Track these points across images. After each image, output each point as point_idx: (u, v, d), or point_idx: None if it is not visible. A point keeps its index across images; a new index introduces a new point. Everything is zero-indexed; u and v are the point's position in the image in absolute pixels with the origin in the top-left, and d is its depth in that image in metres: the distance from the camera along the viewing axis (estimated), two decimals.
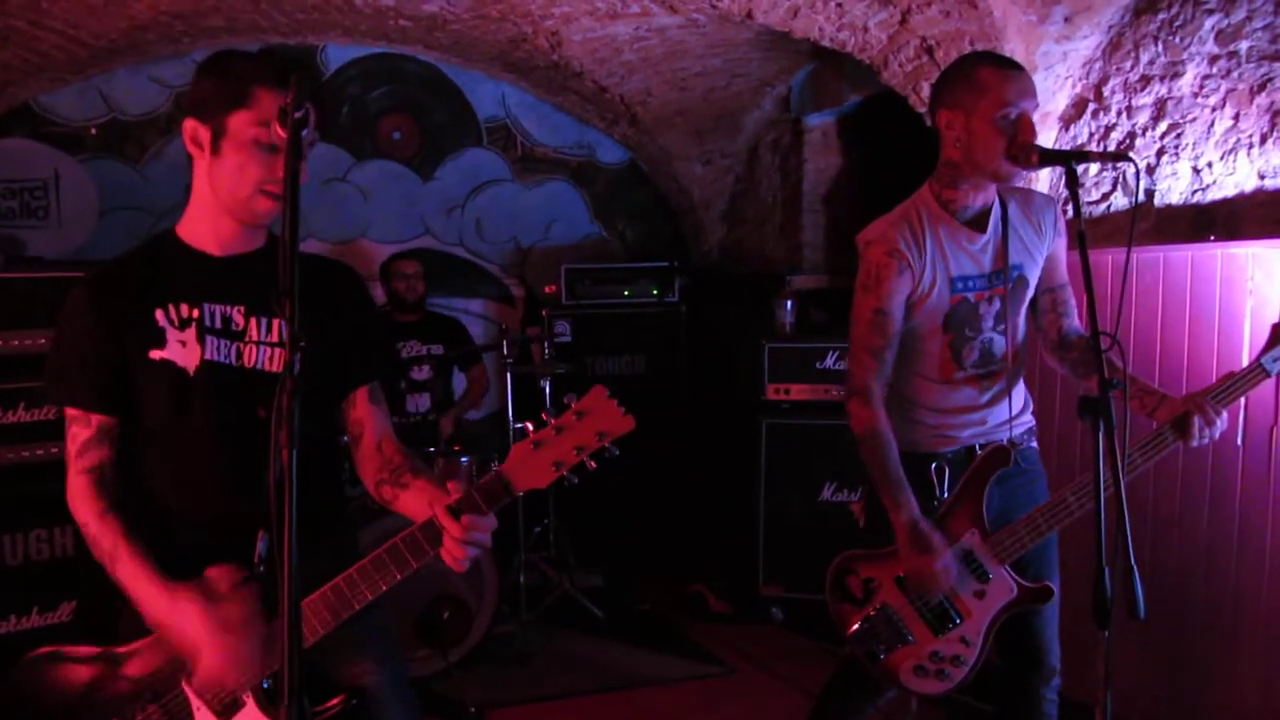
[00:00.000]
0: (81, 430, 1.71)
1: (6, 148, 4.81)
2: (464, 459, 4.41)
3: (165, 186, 5.12)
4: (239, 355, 1.75)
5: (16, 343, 3.47)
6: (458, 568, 1.60)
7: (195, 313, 1.74)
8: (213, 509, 1.73)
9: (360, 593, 1.63)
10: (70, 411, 1.73)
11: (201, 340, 1.73)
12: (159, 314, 1.72)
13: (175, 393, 1.72)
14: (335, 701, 1.70)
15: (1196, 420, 2.19)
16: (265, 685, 1.66)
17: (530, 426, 1.61)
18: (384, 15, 4.74)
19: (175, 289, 1.74)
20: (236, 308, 1.76)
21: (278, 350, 1.75)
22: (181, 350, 1.72)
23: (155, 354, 1.71)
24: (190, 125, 1.69)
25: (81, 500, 1.70)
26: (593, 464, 1.60)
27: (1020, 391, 2.50)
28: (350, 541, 1.92)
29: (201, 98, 1.68)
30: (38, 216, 4.88)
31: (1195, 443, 2.21)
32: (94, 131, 5.02)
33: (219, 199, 1.71)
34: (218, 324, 1.75)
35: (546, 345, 4.96)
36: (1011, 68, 2.29)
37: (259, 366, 1.75)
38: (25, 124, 4.86)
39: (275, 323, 1.77)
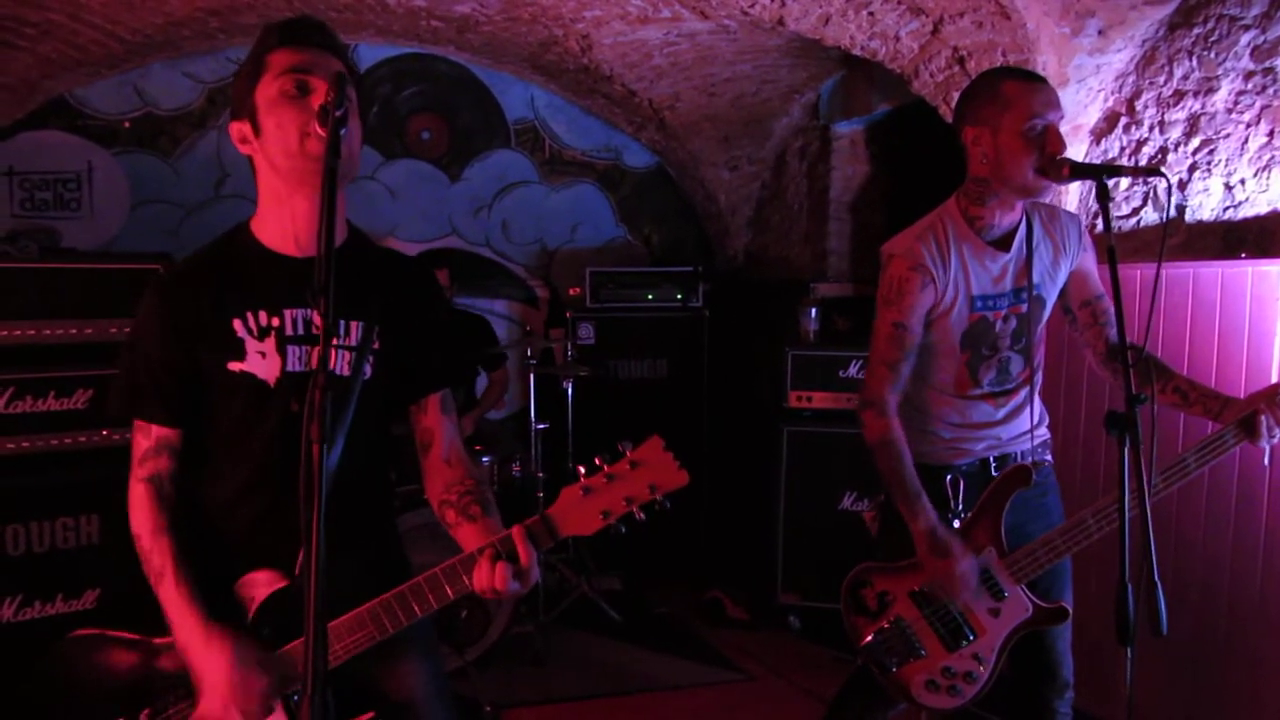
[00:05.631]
0: (142, 440, 1.71)
1: (42, 140, 4.88)
2: (485, 459, 4.43)
3: (196, 180, 5.20)
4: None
5: (49, 332, 3.51)
6: (491, 596, 1.61)
7: (275, 321, 1.68)
8: (282, 514, 1.69)
9: (396, 618, 1.62)
10: (135, 420, 1.72)
11: (282, 350, 1.68)
12: (237, 324, 1.68)
13: (254, 404, 1.68)
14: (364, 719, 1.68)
15: (1264, 419, 2.15)
16: (295, 697, 1.64)
17: (582, 470, 1.56)
18: (416, 15, 4.77)
19: (254, 296, 1.69)
20: (318, 310, 1.70)
21: (351, 355, 1.71)
22: (261, 361, 1.67)
23: (234, 366, 1.67)
24: (235, 128, 1.68)
25: (139, 511, 1.69)
26: (641, 515, 1.56)
27: (1036, 406, 2.49)
28: (394, 540, 1.89)
29: (234, 98, 1.71)
30: (71, 208, 4.95)
31: (1264, 443, 2.16)
32: (127, 125, 5.09)
33: (281, 174, 1.65)
34: (300, 330, 1.69)
35: (569, 347, 4.96)
36: (1036, 80, 2.28)
37: (335, 371, 1.70)
38: (61, 116, 4.93)
39: (354, 325, 1.72)
